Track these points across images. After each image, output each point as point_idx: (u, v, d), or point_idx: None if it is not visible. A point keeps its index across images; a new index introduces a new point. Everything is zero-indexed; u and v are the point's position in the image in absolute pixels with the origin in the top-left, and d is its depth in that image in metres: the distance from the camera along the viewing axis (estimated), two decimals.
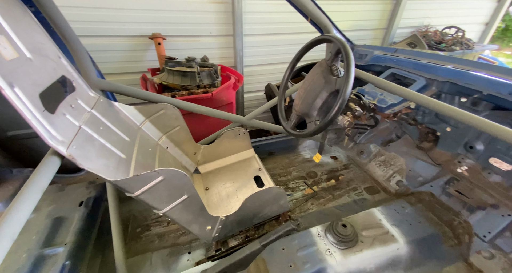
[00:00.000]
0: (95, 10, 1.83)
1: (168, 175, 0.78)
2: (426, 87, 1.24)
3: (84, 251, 1.03)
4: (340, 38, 0.95)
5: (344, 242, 1.03)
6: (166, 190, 0.81)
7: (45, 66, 0.75)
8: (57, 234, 0.99)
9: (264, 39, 2.39)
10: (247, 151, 1.62)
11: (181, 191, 0.83)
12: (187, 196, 0.85)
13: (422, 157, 1.53)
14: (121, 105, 1.12)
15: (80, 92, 0.89)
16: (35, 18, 0.78)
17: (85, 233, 1.08)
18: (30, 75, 0.65)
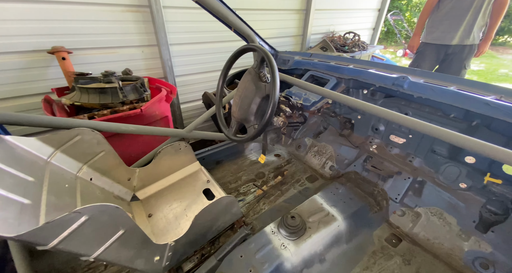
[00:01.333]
0: None
1: (94, 212, 0.67)
2: (338, 84, 1.48)
3: None
4: (262, 47, 1.03)
5: (295, 232, 1.12)
6: (94, 231, 0.69)
7: None
8: None
9: (192, 48, 2.35)
10: (192, 165, 1.56)
11: (114, 227, 0.73)
12: (124, 231, 0.75)
13: (345, 142, 1.80)
14: (16, 138, 0.90)
15: None
16: None
17: None
18: None
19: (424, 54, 2.51)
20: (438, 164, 1.31)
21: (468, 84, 1.06)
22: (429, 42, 2.44)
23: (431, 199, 1.32)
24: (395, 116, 0.91)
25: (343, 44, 3.45)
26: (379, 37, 4.74)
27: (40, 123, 0.97)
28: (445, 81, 1.10)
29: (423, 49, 2.51)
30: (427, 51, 2.48)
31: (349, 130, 1.77)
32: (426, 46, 2.49)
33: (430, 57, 2.49)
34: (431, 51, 2.46)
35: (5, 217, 0.65)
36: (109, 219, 0.71)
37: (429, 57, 2.49)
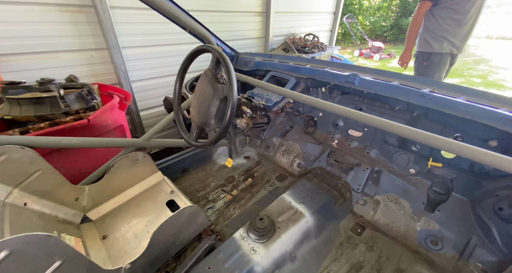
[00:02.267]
0: None
1: (16, 245, 0.56)
2: (297, 84, 1.51)
3: None
4: (216, 47, 1.00)
5: (264, 234, 1.10)
6: (21, 266, 0.58)
7: None
8: None
9: (148, 51, 2.20)
10: (153, 176, 1.45)
11: (48, 260, 0.62)
12: (61, 262, 0.65)
13: (310, 140, 1.86)
14: None
15: None
16: None
17: None
18: None
19: (439, 64, 2.36)
20: (390, 153, 1.41)
21: (408, 79, 1.16)
22: (443, 52, 2.30)
23: (387, 186, 1.42)
24: (348, 112, 0.95)
25: (304, 46, 3.59)
26: (337, 38, 5.08)
27: None
28: (390, 77, 1.19)
29: (439, 59, 2.33)
30: (442, 60, 2.34)
31: (313, 127, 1.83)
32: (440, 56, 2.32)
33: (445, 66, 2.39)
34: (446, 60, 2.35)
35: None
36: (39, 251, 0.60)
37: (443, 66, 2.38)
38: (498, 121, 0.78)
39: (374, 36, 11.90)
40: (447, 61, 2.37)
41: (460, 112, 0.87)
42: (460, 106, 0.87)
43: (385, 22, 11.81)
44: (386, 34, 11.88)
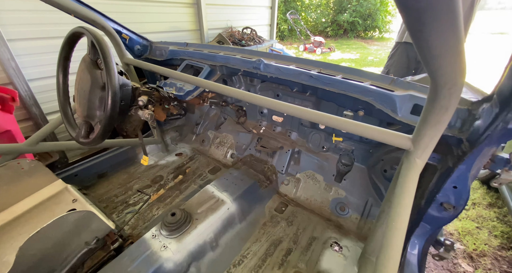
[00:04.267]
0: None
1: None
2: (212, 72, 1.48)
3: None
4: (90, 28, 0.88)
5: (176, 229, 1.05)
6: None
7: None
8: None
9: (45, 43, 1.88)
10: (53, 185, 1.24)
11: None
12: None
13: (241, 129, 1.86)
14: None
15: None
16: None
17: None
18: None
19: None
20: (306, 134, 1.50)
21: (304, 62, 1.23)
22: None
23: (306, 164, 1.51)
24: (261, 100, 0.92)
25: (241, 39, 3.60)
26: (284, 34, 5.20)
27: None
28: (289, 61, 1.24)
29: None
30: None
31: (244, 117, 1.83)
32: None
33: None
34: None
35: None
36: None
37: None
38: (362, 93, 0.88)
39: (317, 32, 12.74)
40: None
41: (336, 88, 0.94)
42: (336, 83, 0.95)
43: (324, 19, 12.73)
44: (327, 30, 12.83)
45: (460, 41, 0.32)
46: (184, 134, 2.15)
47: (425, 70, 0.43)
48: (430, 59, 0.36)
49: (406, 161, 0.62)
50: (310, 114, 0.75)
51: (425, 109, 0.52)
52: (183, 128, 2.18)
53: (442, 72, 0.39)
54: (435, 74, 0.40)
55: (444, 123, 0.52)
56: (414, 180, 0.59)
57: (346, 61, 7.52)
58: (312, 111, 0.77)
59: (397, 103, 0.80)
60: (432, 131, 0.54)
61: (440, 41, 0.32)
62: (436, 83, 0.43)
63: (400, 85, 0.87)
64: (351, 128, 0.68)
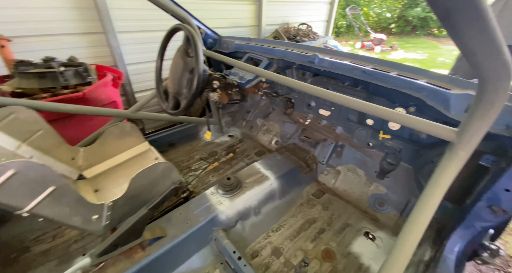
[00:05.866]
0: None
1: (20, 167, 0.76)
2: (270, 64, 1.66)
3: None
4: (187, 26, 1.16)
5: (230, 190, 1.29)
6: (23, 185, 0.78)
7: None
8: None
9: (143, 35, 2.37)
10: (140, 146, 1.63)
11: (44, 184, 0.82)
12: (54, 188, 0.84)
13: (288, 120, 2.01)
14: None
15: None
16: None
17: None
18: None
19: None
20: (352, 129, 1.56)
21: (359, 58, 1.29)
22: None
23: (348, 158, 1.58)
24: (315, 89, 1.06)
25: (296, 35, 3.69)
26: (341, 31, 5.03)
27: None
28: (343, 57, 1.33)
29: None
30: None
31: (291, 108, 1.98)
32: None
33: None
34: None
35: None
36: (37, 176, 0.80)
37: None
38: (414, 89, 0.93)
39: (379, 29, 11.70)
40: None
41: (389, 83, 1.01)
42: (389, 79, 1.01)
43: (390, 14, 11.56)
44: (391, 26, 11.65)
45: (493, 36, 0.36)
46: (236, 120, 2.42)
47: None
48: (469, 55, 0.42)
49: (448, 152, 0.67)
50: (361, 104, 0.85)
51: (473, 103, 0.56)
52: (235, 114, 2.45)
53: (483, 67, 0.44)
54: (477, 69, 0.45)
55: (491, 118, 0.56)
56: (453, 172, 0.63)
57: (409, 61, 6.80)
58: (363, 102, 0.87)
59: (451, 100, 0.83)
60: (477, 124, 0.58)
61: (472, 38, 0.37)
62: (481, 78, 0.48)
63: (459, 84, 0.88)
64: (399, 119, 0.76)
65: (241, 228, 1.25)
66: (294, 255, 1.14)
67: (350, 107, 0.91)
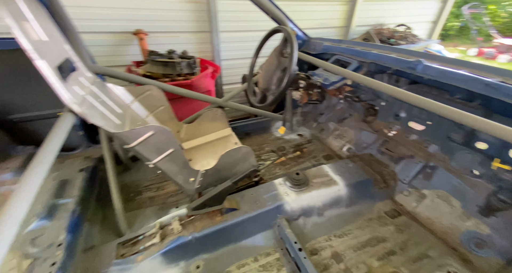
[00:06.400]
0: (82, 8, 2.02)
1: (156, 130, 1.03)
2: (359, 68, 1.59)
3: (88, 204, 1.25)
4: (286, 28, 1.26)
5: (297, 185, 1.34)
6: (155, 144, 1.06)
7: (56, 48, 0.98)
8: (65, 191, 1.20)
9: (239, 35, 2.68)
10: (225, 130, 1.88)
11: (167, 145, 1.08)
12: (173, 150, 1.10)
13: (366, 128, 1.88)
14: (112, 85, 1.34)
15: (80, 72, 1.12)
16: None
17: (88, 190, 1.29)
18: (48, 53, 0.88)
19: None
20: (452, 150, 1.33)
21: (478, 68, 1.08)
22: None
23: (440, 183, 1.36)
24: (417, 99, 0.98)
25: (390, 37, 3.32)
26: (449, 34, 4.13)
27: (127, 78, 1.42)
28: (456, 65, 1.14)
29: None
30: None
31: (373, 116, 1.85)
32: None
33: None
34: None
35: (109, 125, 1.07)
36: (164, 138, 1.06)
37: None
38: None
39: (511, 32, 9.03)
40: None
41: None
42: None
43: None
44: None
45: None
46: (307, 120, 2.44)
47: None
48: None
49: None
50: (482, 123, 0.72)
51: None
52: (308, 114, 2.46)
53: None
54: None
55: None
56: None
57: None
58: (485, 120, 0.73)
59: None
60: None
61: None
62: None
63: None
64: None
65: (303, 223, 1.29)
66: (357, 266, 1.10)
67: (463, 123, 0.80)
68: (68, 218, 1.04)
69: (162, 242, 1.03)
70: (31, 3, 0.92)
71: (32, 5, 0.92)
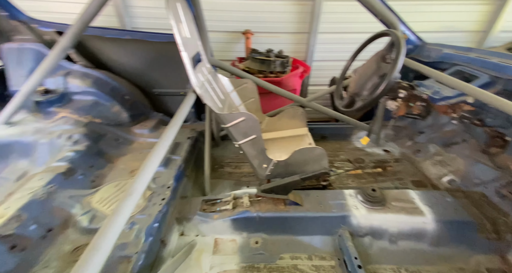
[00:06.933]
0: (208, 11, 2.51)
1: (247, 117, 1.19)
2: (491, 84, 1.25)
3: (188, 164, 1.60)
4: (395, 32, 1.15)
5: (371, 201, 1.22)
6: (243, 128, 1.22)
7: (193, 44, 1.29)
8: (177, 150, 1.58)
9: (336, 37, 2.61)
10: (301, 129, 1.92)
11: (252, 131, 1.23)
12: (255, 136, 1.24)
13: (484, 161, 1.47)
14: (221, 76, 1.63)
15: (203, 63, 1.43)
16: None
17: (190, 153, 1.64)
18: (188, 46, 1.18)
19: None
20: None
21: None
22: None
23: None
24: None
25: None
26: None
27: (231, 71, 1.69)
28: None
29: None
30: None
31: (498, 148, 1.42)
32: None
33: None
34: None
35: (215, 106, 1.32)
36: (251, 125, 1.20)
37: None
38: None
39: None
40: None
41: None
42: None
43: None
44: None
45: None
46: (400, 136, 2.12)
47: None
48: None
49: None
50: None
51: None
52: (402, 129, 2.13)
53: None
54: None
55: None
56: None
57: None
58: None
59: None
60: None
61: None
62: None
63: None
64: None
65: (368, 243, 1.18)
66: None
67: None
68: (176, 170, 1.37)
69: (233, 210, 1.20)
70: (185, 9, 1.25)
71: (185, 10, 1.25)
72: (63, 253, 0.92)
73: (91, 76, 1.70)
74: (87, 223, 1.04)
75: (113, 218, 0.54)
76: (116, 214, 0.55)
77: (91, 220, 1.06)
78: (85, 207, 1.11)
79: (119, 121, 1.74)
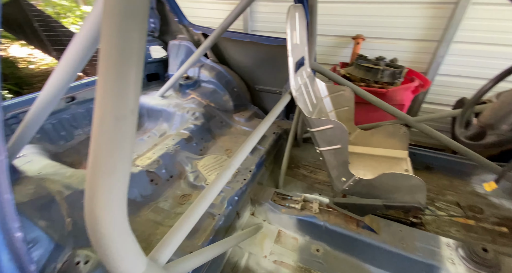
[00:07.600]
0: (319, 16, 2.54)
1: (335, 125, 1.16)
2: None
3: (269, 156, 1.76)
4: None
5: (476, 262, 0.94)
6: (329, 136, 1.21)
7: (300, 49, 1.38)
8: (262, 141, 1.76)
9: (477, 48, 2.01)
10: (399, 151, 1.65)
11: (337, 141, 1.19)
12: (340, 146, 1.20)
13: None
14: (318, 80, 1.65)
15: (305, 67, 1.50)
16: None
17: (273, 147, 1.80)
18: (295, 52, 1.27)
19: None
20: None
21: None
22: None
23: None
24: None
25: None
26: None
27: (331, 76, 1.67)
28: None
29: None
30: None
31: None
32: None
33: None
34: None
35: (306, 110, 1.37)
36: (338, 134, 1.16)
37: None
38: None
39: None
40: None
41: None
42: None
43: None
44: None
45: None
46: None
47: None
48: None
49: None
50: None
51: None
52: None
53: None
54: None
55: None
56: None
57: None
58: None
59: None
60: None
61: None
62: None
63: None
64: None
65: None
66: None
67: None
68: (258, 158, 1.55)
69: (300, 211, 1.24)
70: (302, 17, 1.35)
71: (301, 18, 1.34)
72: (174, 195, 1.30)
73: (216, 69, 2.14)
74: (192, 179, 1.38)
75: (216, 181, 0.72)
76: (218, 179, 0.72)
77: (195, 178, 1.39)
78: (193, 167, 1.47)
79: (226, 108, 2.11)
